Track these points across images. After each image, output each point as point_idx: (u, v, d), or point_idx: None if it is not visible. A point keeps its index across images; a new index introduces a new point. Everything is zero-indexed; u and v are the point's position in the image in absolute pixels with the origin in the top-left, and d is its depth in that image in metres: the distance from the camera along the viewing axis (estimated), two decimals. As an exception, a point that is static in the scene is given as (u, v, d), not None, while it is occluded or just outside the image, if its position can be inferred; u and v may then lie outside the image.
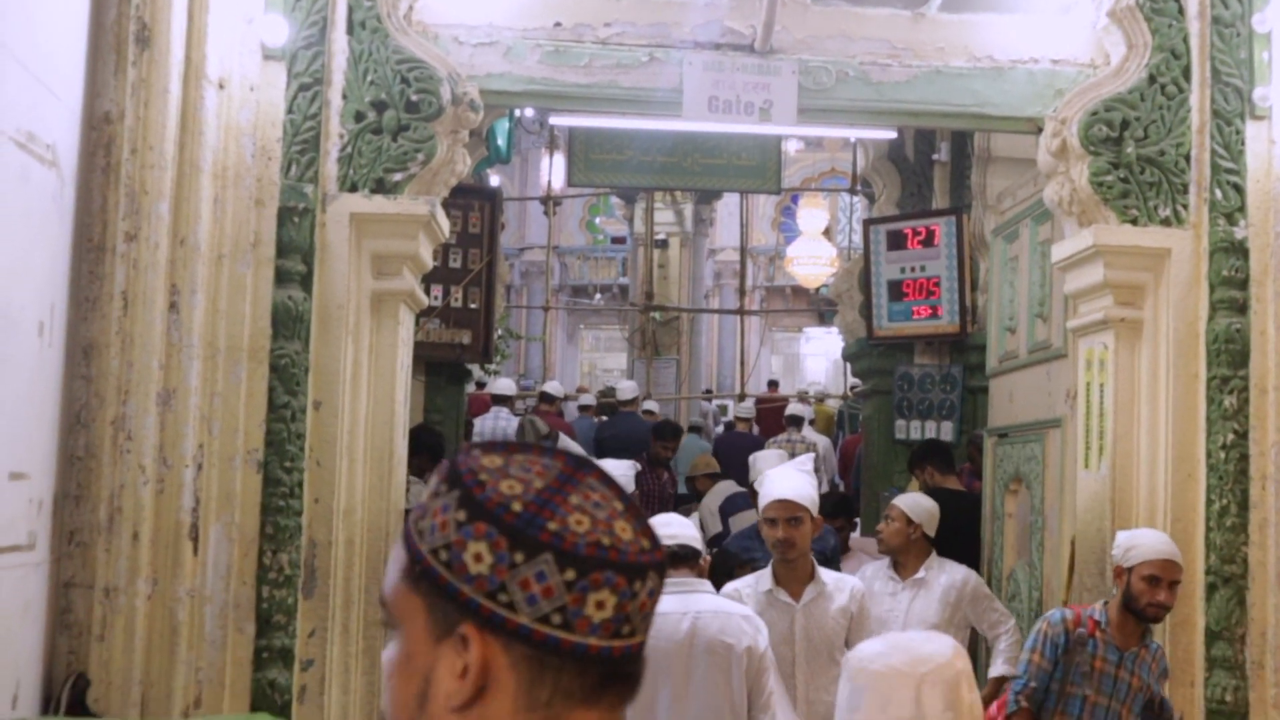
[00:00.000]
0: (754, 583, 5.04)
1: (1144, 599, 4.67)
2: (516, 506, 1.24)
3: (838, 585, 5.01)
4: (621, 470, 7.24)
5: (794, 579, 4.96)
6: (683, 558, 4.38)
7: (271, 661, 4.76)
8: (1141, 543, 4.71)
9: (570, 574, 1.22)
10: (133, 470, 4.43)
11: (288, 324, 4.80)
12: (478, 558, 1.23)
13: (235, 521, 4.69)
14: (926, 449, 7.95)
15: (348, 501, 5.01)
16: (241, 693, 4.70)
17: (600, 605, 1.22)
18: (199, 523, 4.60)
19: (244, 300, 4.71)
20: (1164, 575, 4.65)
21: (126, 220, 4.44)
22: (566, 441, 9.46)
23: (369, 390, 5.11)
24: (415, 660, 1.27)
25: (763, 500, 5.01)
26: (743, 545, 6.66)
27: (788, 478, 5.00)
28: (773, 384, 22.16)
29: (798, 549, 4.89)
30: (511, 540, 1.22)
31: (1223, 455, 5.07)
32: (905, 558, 6.07)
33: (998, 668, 5.99)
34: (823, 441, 13.56)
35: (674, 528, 4.51)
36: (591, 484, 1.28)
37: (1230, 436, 5.07)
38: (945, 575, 6.02)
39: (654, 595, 1.27)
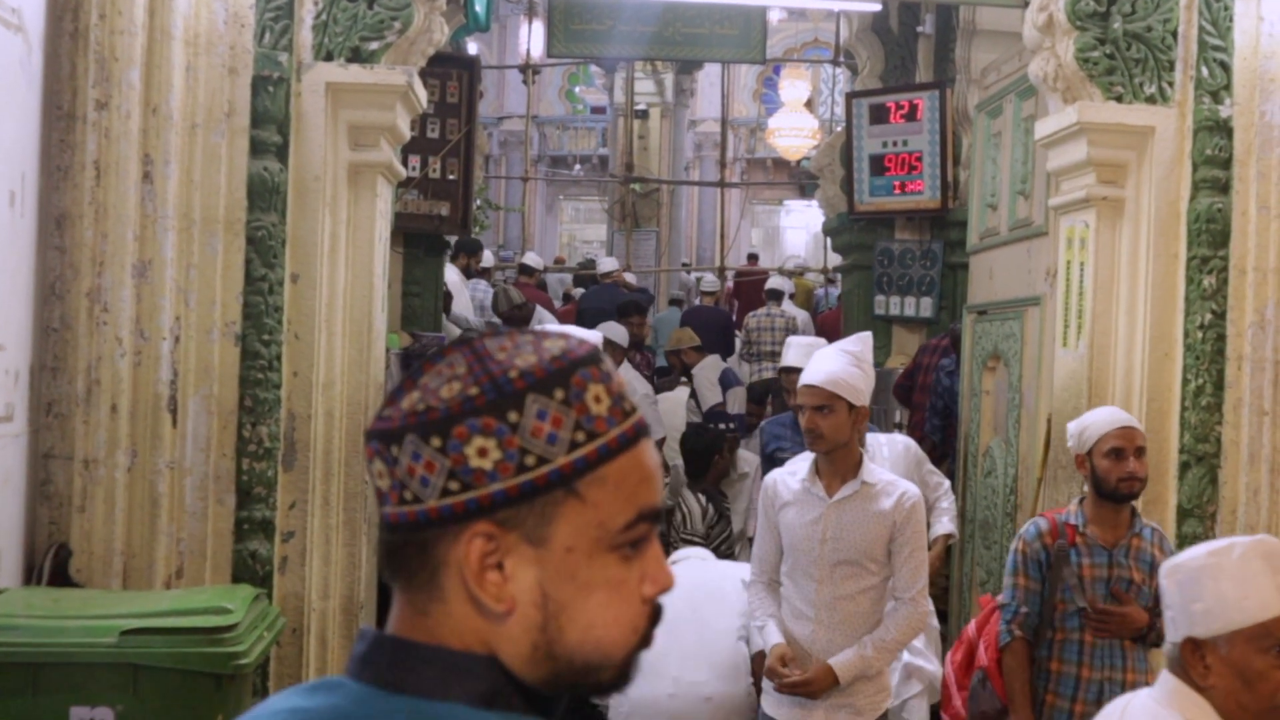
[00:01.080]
0: (792, 471, 4.44)
1: (1113, 476, 4.24)
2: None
3: (886, 488, 4.28)
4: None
5: (832, 473, 4.29)
6: None
7: (252, 533, 4.80)
8: (1092, 421, 4.37)
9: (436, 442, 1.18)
10: (109, 342, 4.42)
11: (264, 195, 4.74)
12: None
13: (214, 394, 4.69)
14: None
15: (327, 374, 5.00)
16: (223, 564, 4.74)
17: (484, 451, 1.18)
18: (177, 395, 4.59)
19: (219, 171, 4.65)
20: (1126, 444, 4.26)
21: (96, 88, 4.37)
22: (542, 314, 9.45)
23: (347, 263, 5.07)
24: None
25: None
26: (774, 433, 6.37)
27: (823, 360, 4.33)
28: (752, 257, 22.09)
29: (826, 440, 4.21)
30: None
31: (1200, 335, 5.09)
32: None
33: (943, 525, 6.09)
34: (802, 316, 13.56)
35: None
36: (451, 358, 1.22)
37: (1208, 316, 5.09)
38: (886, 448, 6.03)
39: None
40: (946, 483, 6.27)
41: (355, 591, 5.12)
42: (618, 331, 8.82)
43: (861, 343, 4.46)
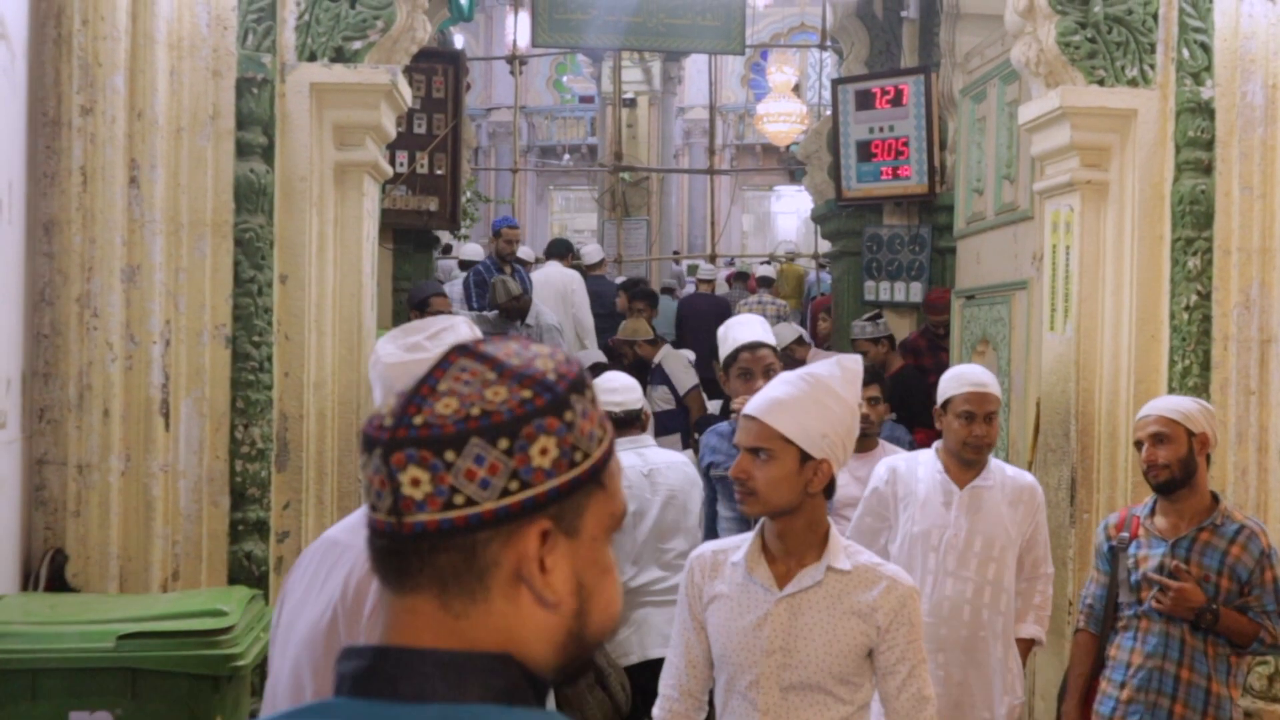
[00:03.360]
0: (724, 547, 3.15)
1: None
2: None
3: (865, 575, 3.00)
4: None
5: (785, 552, 3.01)
6: (627, 421, 4.96)
7: (247, 534, 4.82)
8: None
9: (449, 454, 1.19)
10: (100, 347, 4.43)
11: (251, 197, 4.76)
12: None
13: (206, 396, 4.71)
14: None
15: (318, 374, 5.02)
16: (219, 565, 4.76)
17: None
18: (169, 399, 4.61)
19: (205, 174, 4.66)
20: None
21: (81, 93, 4.38)
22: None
23: (335, 262, 5.08)
24: None
25: None
26: (711, 443, 5.04)
27: (776, 385, 3.03)
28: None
29: (760, 499, 2.97)
30: (369, 449, 1.22)
31: (1186, 316, 5.12)
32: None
33: (1028, 628, 4.63)
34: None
35: (619, 394, 4.99)
36: (441, 362, 1.24)
37: (1194, 298, 5.12)
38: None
39: (380, 473, 1.20)
40: (1051, 569, 4.67)
41: (351, 589, 5.14)
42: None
43: (841, 369, 3.03)
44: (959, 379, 4.46)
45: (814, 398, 2.94)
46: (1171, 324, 5.15)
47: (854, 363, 3.10)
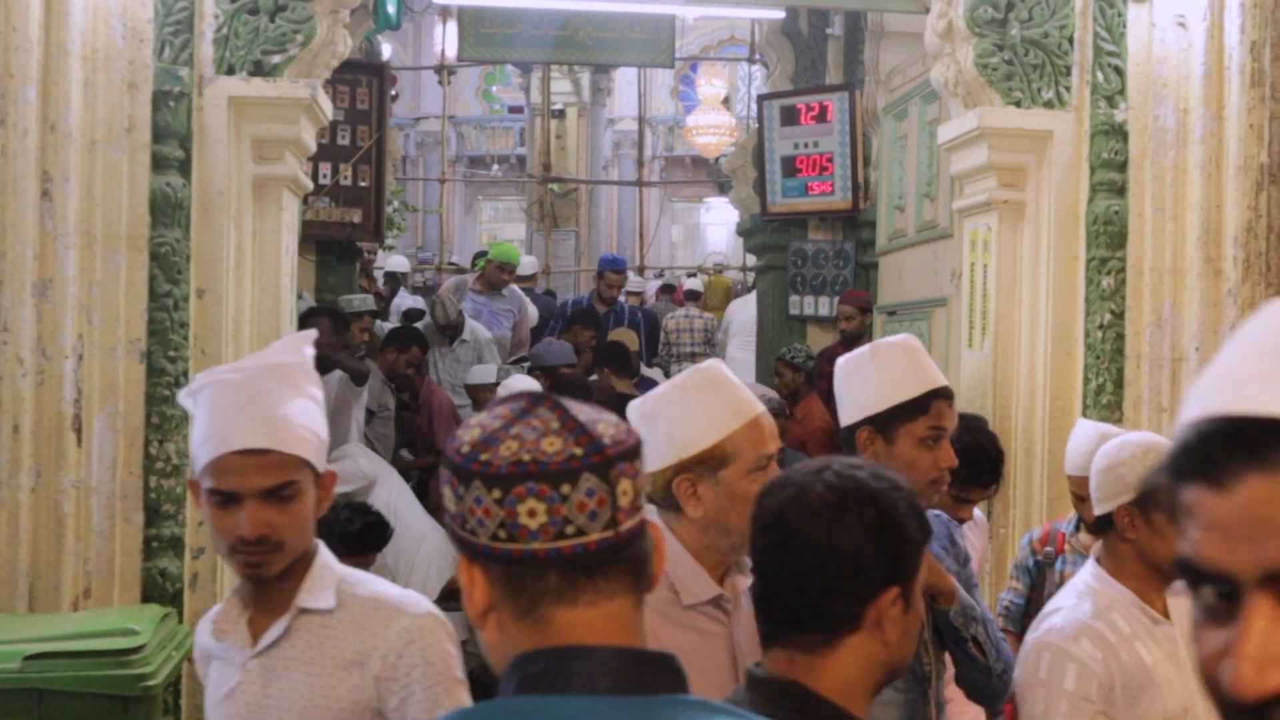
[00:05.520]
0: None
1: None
2: (465, 449, 1.40)
3: (360, 610, 2.38)
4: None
5: (264, 601, 2.42)
6: None
7: (162, 551, 4.75)
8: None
9: (496, 493, 1.37)
10: (10, 362, 4.36)
11: (167, 211, 4.70)
12: (448, 498, 1.43)
13: (119, 412, 4.64)
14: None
15: (235, 389, 4.95)
16: (132, 582, 4.68)
17: (532, 514, 1.37)
18: (82, 414, 4.53)
19: (120, 187, 4.60)
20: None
21: (-8, 105, 4.30)
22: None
23: (253, 277, 5.03)
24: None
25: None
26: None
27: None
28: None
29: (286, 555, 2.38)
30: (456, 476, 1.40)
31: (1100, 335, 5.20)
32: None
33: None
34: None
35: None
36: (539, 413, 1.41)
37: (1107, 316, 5.20)
38: None
39: (594, 494, 1.37)
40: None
41: (268, 607, 5.09)
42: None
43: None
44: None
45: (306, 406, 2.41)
46: (1086, 342, 5.23)
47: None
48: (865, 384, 2.92)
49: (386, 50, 12.21)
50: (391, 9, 9.09)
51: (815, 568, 1.77)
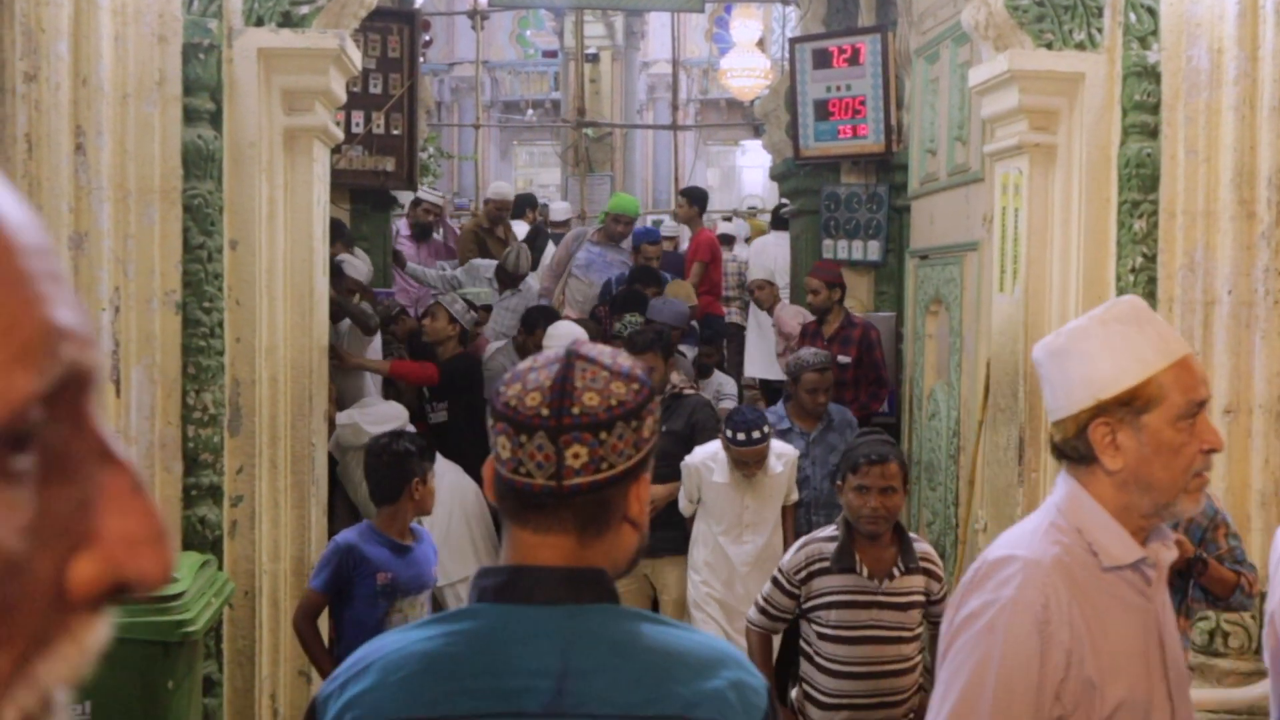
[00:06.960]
0: None
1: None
2: (500, 383, 1.72)
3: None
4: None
5: None
6: None
7: (200, 499, 4.83)
8: None
9: (492, 421, 1.69)
10: (48, 315, 4.42)
11: (199, 163, 4.74)
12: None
13: (156, 363, 4.71)
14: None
15: (269, 339, 5.03)
16: (171, 531, 4.76)
17: (503, 448, 1.67)
18: (119, 365, 4.60)
19: (152, 140, 4.64)
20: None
21: (25, 60, 4.33)
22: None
23: (286, 228, 5.08)
24: None
25: None
26: None
27: None
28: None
29: None
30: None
31: (1132, 279, 5.17)
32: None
33: None
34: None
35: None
36: (551, 368, 1.68)
37: (1139, 260, 5.17)
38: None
39: (542, 449, 1.64)
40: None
41: (305, 553, 5.18)
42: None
43: None
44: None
45: None
46: (1118, 286, 5.20)
47: None
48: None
49: (418, -3, 12.16)
50: (422, -45, 9.07)
51: None
